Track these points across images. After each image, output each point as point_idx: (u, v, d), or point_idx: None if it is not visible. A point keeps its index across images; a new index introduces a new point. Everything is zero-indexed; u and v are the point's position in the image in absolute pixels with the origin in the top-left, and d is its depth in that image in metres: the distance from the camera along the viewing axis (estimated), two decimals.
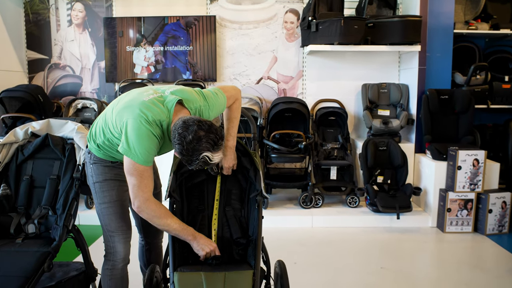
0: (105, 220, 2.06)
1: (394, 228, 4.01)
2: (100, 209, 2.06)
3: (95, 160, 2.03)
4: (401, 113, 4.50)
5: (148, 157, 1.80)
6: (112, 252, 2.07)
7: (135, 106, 1.82)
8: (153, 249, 2.39)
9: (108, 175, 2.03)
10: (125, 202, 2.11)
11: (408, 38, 4.24)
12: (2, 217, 2.07)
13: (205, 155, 1.73)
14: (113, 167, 2.04)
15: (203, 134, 1.71)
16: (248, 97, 4.63)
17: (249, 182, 2.21)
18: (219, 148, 1.77)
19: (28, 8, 5.00)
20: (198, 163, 1.75)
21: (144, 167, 1.80)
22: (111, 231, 2.06)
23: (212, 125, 1.77)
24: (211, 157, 1.74)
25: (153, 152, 1.83)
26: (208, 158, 1.74)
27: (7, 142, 2.20)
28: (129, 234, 2.12)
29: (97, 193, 2.04)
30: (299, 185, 4.36)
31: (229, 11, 4.84)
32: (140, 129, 1.77)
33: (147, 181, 1.83)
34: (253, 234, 2.04)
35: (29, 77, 5.08)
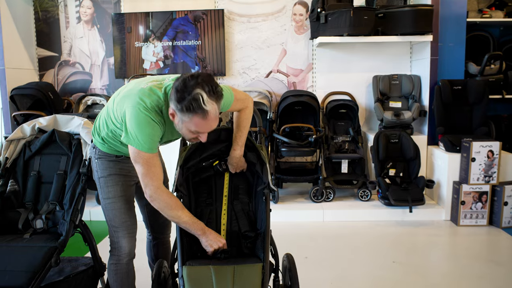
0: (110, 215, 2.05)
1: (407, 221, 3.94)
2: (104, 204, 2.05)
3: (100, 155, 2.02)
4: (413, 105, 4.43)
5: (151, 144, 1.78)
6: (116, 247, 2.07)
7: (133, 95, 1.80)
8: (161, 244, 2.38)
9: (112, 170, 2.02)
10: (130, 198, 2.10)
11: (419, 28, 4.16)
12: (10, 212, 2.08)
13: (199, 92, 1.64)
14: (117, 162, 2.03)
15: (199, 78, 1.67)
16: (257, 91, 4.59)
17: (256, 175, 2.18)
18: (215, 96, 1.68)
19: (37, 5, 5.02)
20: (190, 101, 1.64)
21: (149, 154, 1.78)
22: (115, 226, 2.05)
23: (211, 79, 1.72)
24: (205, 98, 1.65)
25: (156, 139, 1.80)
26: (202, 97, 1.64)
27: (14, 138, 2.21)
28: (133, 230, 2.10)
29: (101, 188, 2.04)
30: (310, 179, 4.32)
31: (237, 4, 4.80)
32: (139, 117, 1.75)
33: (154, 169, 1.80)
34: (261, 227, 2.01)
35: (39, 74, 5.11)
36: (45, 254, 1.84)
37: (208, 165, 2.17)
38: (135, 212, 2.13)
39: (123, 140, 1.81)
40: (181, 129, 1.79)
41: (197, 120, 1.69)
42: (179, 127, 1.78)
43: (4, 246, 1.86)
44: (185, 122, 1.72)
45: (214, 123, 1.74)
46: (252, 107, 2.15)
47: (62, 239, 1.90)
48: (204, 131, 1.76)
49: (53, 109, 4.51)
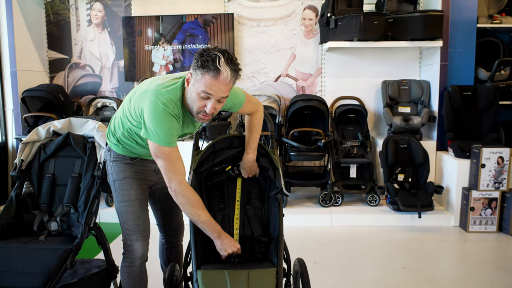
0: (123, 218, 2.07)
1: (416, 227, 3.94)
2: (118, 207, 2.07)
3: (115, 157, 2.05)
4: (422, 110, 4.42)
5: (170, 138, 1.80)
6: (129, 250, 2.08)
7: (151, 90, 1.83)
8: (173, 248, 2.39)
9: (127, 173, 2.04)
10: (144, 201, 2.12)
11: (429, 33, 4.16)
12: (25, 214, 2.10)
13: (217, 54, 1.70)
14: (132, 165, 2.05)
15: (222, 49, 1.75)
16: (266, 94, 4.60)
17: (269, 180, 2.19)
18: (231, 64, 1.72)
19: (49, 8, 5.07)
20: (206, 58, 1.70)
21: (169, 148, 1.80)
22: (128, 229, 2.07)
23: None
24: (221, 60, 1.69)
25: (174, 132, 1.82)
26: (218, 58, 1.69)
27: (29, 141, 2.23)
28: (146, 233, 2.12)
29: (116, 191, 2.06)
30: (318, 183, 4.33)
31: (247, 8, 4.82)
32: (157, 110, 1.77)
33: (176, 164, 1.82)
34: (274, 232, 2.02)
35: (50, 76, 5.15)
36: (61, 256, 1.85)
37: (220, 170, 2.19)
38: (148, 215, 2.15)
39: (142, 135, 1.84)
40: (191, 97, 1.81)
41: (207, 78, 1.72)
42: (190, 95, 1.81)
43: (20, 247, 1.88)
44: (197, 83, 1.75)
45: (223, 88, 1.75)
46: (262, 112, 2.19)
47: (77, 242, 1.92)
48: (211, 92, 1.75)
49: (63, 111, 4.55)
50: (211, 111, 1.80)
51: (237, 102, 2.05)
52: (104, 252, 2.19)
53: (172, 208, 2.29)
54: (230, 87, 1.78)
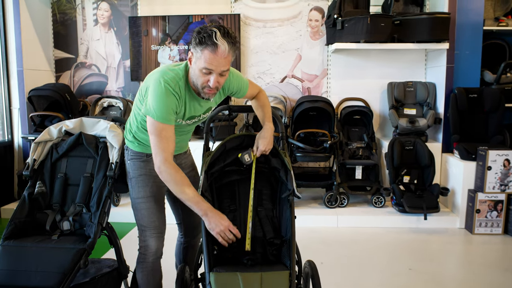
0: (138, 214, 2.10)
1: (421, 229, 3.95)
2: (134, 204, 2.11)
3: (131, 155, 2.09)
4: (428, 112, 4.43)
5: (165, 114, 1.84)
6: (143, 245, 2.11)
7: (157, 71, 1.92)
8: (190, 248, 2.41)
9: (143, 170, 2.08)
10: (160, 199, 2.14)
11: (436, 35, 4.17)
12: (38, 213, 2.11)
13: (213, 29, 1.77)
14: (148, 162, 2.07)
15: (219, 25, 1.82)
16: (272, 95, 4.61)
17: (280, 182, 2.19)
18: (228, 37, 1.78)
19: (55, 8, 5.08)
20: (203, 35, 1.77)
21: (162, 125, 1.85)
22: (143, 226, 2.10)
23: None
24: (218, 34, 1.76)
25: (171, 109, 1.86)
26: (215, 33, 1.76)
27: (42, 140, 2.24)
28: (161, 230, 2.13)
29: (132, 187, 2.10)
30: (324, 184, 4.34)
31: (253, 9, 4.83)
32: (158, 87, 1.84)
33: (166, 141, 1.86)
34: (286, 234, 2.03)
35: (56, 76, 5.16)
36: (74, 255, 1.87)
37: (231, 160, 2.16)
38: (164, 213, 2.17)
39: (143, 111, 1.91)
40: (195, 74, 1.86)
41: (206, 54, 1.78)
42: (194, 73, 1.87)
43: (33, 246, 1.90)
44: (198, 60, 1.81)
45: (223, 61, 1.80)
46: (264, 92, 2.31)
47: (91, 241, 1.93)
48: (212, 68, 1.80)
49: (70, 111, 4.56)
50: (215, 85, 1.85)
51: (243, 84, 2.14)
52: (115, 252, 2.20)
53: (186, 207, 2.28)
54: (229, 60, 1.84)
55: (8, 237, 1.95)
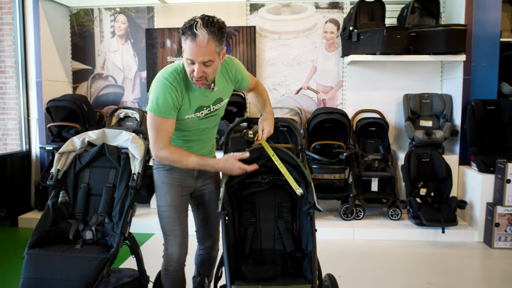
0: (161, 222, 2.14)
1: (439, 242, 3.90)
2: (158, 212, 2.16)
3: (157, 165, 2.15)
4: (444, 124, 4.41)
5: (164, 107, 1.91)
6: (166, 253, 2.14)
7: (161, 70, 2.02)
8: (206, 258, 2.41)
9: (165, 179, 2.12)
10: (181, 208, 2.16)
11: (452, 47, 4.16)
12: (61, 223, 2.13)
13: (195, 19, 1.80)
14: (170, 171, 2.12)
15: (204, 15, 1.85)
16: (288, 107, 4.62)
17: None
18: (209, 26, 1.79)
19: (74, 20, 5.17)
20: (185, 25, 1.82)
21: (161, 118, 1.92)
22: (165, 234, 2.13)
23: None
24: (198, 24, 1.77)
25: (170, 103, 1.91)
26: (195, 23, 1.78)
27: (65, 151, 2.27)
28: (182, 239, 2.14)
29: (157, 196, 2.15)
30: (339, 196, 4.32)
31: (269, 21, 4.87)
32: (158, 83, 1.94)
33: (164, 134, 1.94)
34: (307, 247, 2.02)
35: (73, 86, 5.24)
36: (97, 265, 1.88)
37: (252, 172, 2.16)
38: (186, 222, 2.19)
39: (146, 108, 1.99)
40: (184, 65, 1.91)
41: (188, 44, 1.81)
42: (184, 64, 1.91)
43: (58, 255, 1.91)
44: (184, 51, 1.86)
45: (202, 50, 1.80)
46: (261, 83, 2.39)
47: (113, 251, 1.95)
48: (192, 58, 1.82)
49: (86, 121, 4.61)
50: (199, 75, 1.86)
51: (245, 74, 2.22)
52: (137, 262, 2.21)
53: (209, 217, 2.32)
54: (211, 49, 1.82)
55: (33, 246, 1.97)
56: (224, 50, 1.95)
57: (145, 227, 4.11)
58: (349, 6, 4.76)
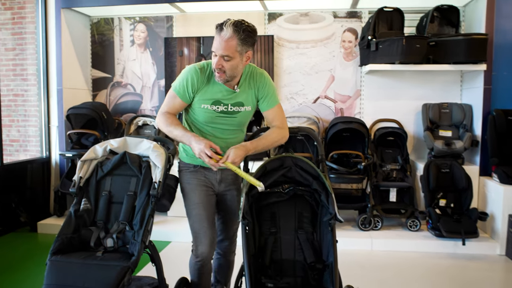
0: (190, 221, 2.26)
1: (459, 254, 3.83)
2: (186, 212, 2.28)
3: (181, 167, 2.32)
4: (464, 134, 4.34)
5: (180, 86, 2.15)
6: (193, 248, 2.25)
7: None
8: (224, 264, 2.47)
9: (191, 180, 2.26)
10: (207, 207, 2.24)
11: (473, 56, 4.11)
12: (83, 230, 2.15)
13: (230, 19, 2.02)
14: (195, 172, 2.26)
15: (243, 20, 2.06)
16: (306, 116, 4.61)
17: (320, 205, 2.17)
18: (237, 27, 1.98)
19: (94, 29, 5.26)
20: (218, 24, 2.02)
21: (174, 94, 2.19)
22: (195, 231, 2.22)
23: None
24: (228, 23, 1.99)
25: (188, 83, 2.13)
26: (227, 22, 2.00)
27: (88, 159, 2.29)
28: (210, 236, 2.21)
29: (184, 197, 2.29)
30: (357, 206, 4.28)
31: (287, 30, 4.89)
32: (189, 67, 2.18)
33: (170, 105, 2.20)
34: (327, 258, 2.00)
35: (92, 94, 5.31)
36: (119, 273, 1.89)
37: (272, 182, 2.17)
38: (214, 221, 2.28)
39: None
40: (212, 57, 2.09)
41: (215, 37, 2.03)
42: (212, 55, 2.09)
43: (80, 263, 1.93)
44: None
45: (223, 44, 1.99)
46: (285, 139, 2.29)
47: (134, 259, 1.96)
48: (214, 49, 2.03)
49: (105, 129, 4.67)
50: (217, 66, 2.04)
51: (271, 98, 2.24)
52: (157, 270, 2.22)
53: (229, 219, 2.39)
54: (232, 45, 1.99)
55: (55, 253, 1.99)
56: (249, 54, 2.08)
57: (162, 235, 4.13)
58: (368, 15, 4.75)
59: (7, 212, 4.42)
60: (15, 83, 5.39)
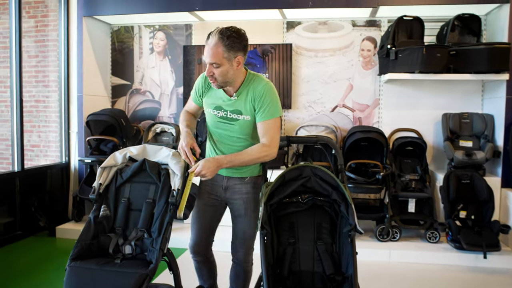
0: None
1: (480, 268, 3.74)
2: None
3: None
4: (485, 145, 4.26)
5: (193, 90, 2.39)
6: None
7: None
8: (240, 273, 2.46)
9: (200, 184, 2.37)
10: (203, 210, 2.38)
11: (495, 66, 4.04)
12: (102, 236, 2.16)
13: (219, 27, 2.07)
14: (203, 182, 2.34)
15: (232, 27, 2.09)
16: (324, 125, 4.58)
17: (340, 215, 2.14)
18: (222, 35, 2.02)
19: (114, 37, 5.34)
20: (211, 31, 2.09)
21: (190, 96, 2.43)
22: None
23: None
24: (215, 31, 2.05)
25: (196, 87, 2.34)
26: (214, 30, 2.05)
27: (107, 166, 2.31)
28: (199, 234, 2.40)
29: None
30: (375, 217, 4.23)
31: (305, 39, 4.88)
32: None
33: (189, 103, 2.46)
34: (347, 270, 1.97)
35: (112, 101, 5.38)
36: (137, 280, 1.89)
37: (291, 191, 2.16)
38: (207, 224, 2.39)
39: None
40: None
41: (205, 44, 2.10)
42: None
43: (99, 269, 1.94)
44: None
45: (211, 51, 2.05)
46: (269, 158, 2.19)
47: (153, 267, 1.96)
48: (204, 58, 2.12)
49: (124, 135, 4.72)
50: (208, 74, 2.11)
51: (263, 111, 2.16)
52: (174, 278, 2.22)
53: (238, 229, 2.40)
54: (218, 52, 2.03)
55: (74, 258, 2.01)
56: (239, 59, 2.10)
57: (178, 242, 4.12)
58: (387, 24, 4.72)
59: (27, 216, 4.48)
60: (37, 89, 5.49)
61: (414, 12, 4.37)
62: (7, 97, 4.78)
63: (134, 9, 4.70)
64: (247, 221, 2.35)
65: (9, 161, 4.85)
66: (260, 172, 2.35)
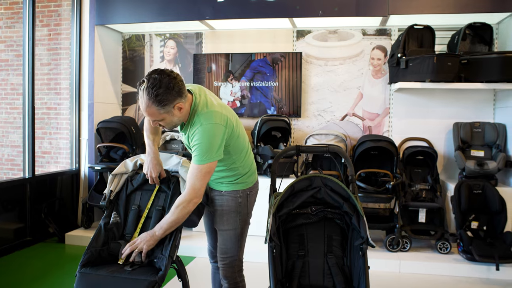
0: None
1: (492, 280, 3.68)
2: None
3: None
4: (498, 155, 4.22)
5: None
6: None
7: None
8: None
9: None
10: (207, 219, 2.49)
11: (507, 75, 4.01)
12: (112, 243, 2.16)
13: (144, 79, 1.93)
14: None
15: (159, 76, 1.92)
16: (333, 134, 4.57)
17: (351, 227, 2.10)
18: (150, 96, 1.88)
19: (125, 45, 5.39)
20: (139, 82, 1.94)
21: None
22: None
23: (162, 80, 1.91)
24: (143, 86, 1.90)
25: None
26: (141, 84, 1.92)
27: (118, 173, 2.32)
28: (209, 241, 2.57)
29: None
30: (385, 226, 4.19)
31: (315, 47, 4.89)
32: None
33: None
34: (358, 285, 1.92)
35: (122, 109, 5.41)
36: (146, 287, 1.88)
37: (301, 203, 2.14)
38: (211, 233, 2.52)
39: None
40: None
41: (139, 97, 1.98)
42: None
43: (109, 276, 1.94)
44: None
45: (146, 112, 1.96)
46: (190, 209, 2.05)
47: (162, 274, 1.95)
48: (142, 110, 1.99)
49: (134, 143, 4.74)
50: (154, 125, 2.09)
51: (194, 146, 2.04)
52: (183, 285, 2.21)
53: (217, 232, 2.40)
54: (153, 112, 1.94)
55: (85, 265, 2.01)
56: (179, 105, 1.97)
57: (186, 250, 4.12)
58: (397, 33, 4.71)
59: (37, 223, 4.51)
60: (48, 96, 5.56)
61: (425, 21, 4.36)
62: (20, 104, 4.83)
63: (145, 17, 4.75)
64: (221, 234, 2.29)
65: (21, 167, 4.90)
66: (242, 187, 2.26)
